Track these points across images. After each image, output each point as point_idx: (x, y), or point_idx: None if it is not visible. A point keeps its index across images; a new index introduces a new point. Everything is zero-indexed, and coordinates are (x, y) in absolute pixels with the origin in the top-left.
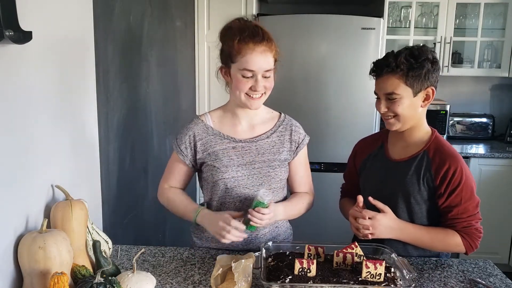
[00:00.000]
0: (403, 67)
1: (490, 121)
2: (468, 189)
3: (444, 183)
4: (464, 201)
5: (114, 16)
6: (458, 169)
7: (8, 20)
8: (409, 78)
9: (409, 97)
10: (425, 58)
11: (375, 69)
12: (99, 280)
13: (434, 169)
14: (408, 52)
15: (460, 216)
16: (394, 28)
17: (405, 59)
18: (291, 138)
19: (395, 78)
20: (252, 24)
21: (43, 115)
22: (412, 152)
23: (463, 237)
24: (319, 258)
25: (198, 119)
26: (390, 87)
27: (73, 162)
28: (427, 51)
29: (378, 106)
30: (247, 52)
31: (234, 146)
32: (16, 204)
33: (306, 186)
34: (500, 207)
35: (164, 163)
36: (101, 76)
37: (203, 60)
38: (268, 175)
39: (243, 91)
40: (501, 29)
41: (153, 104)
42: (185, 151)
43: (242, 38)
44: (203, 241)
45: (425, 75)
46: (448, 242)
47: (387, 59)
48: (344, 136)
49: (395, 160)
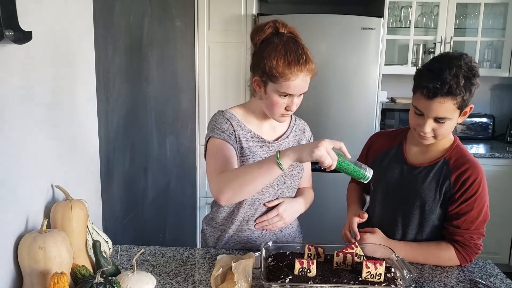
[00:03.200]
0: (462, 91)
1: (490, 121)
2: (482, 201)
3: (461, 190)
4: (474, 211)
5: (114, 16)
6: (477, 179)
7: (8, 20)
8: (464, 101)
9: (456, 118)
10: (478, 75)
11: (425, 87)
12: (99, 280)
13: (454, 177)
14: (465, 68)
15: (464, 227)
16: (394, 28)
17: (466, 80)
18: (304, 136)
19: (451, 103)
20: (296, 44)
21: (43, 115)
22: (432, 158)
23: (458, 250)
24: (319, 258)
25: (229, 113)
26: (443, 112)
27: (73, 162)
28: (474, 61)
29: (418, 124)
30: (290, 78)
31: (262, 145)
32: (16, 204)
33: (309, 182)
34: (500, 207)
35: (164, 163)
36: (101, 76)
37: (203, 60)
38: (291, 174)
39: (279, 111)
40: (501, 29)
41: (153, 104)
42: (232, 137)
43: (287, 63)
44: (214, 230)
45: (473, 93)
46: (442, 257)
47: (444, 79)
48: (344, 136)
49: (413, 165)
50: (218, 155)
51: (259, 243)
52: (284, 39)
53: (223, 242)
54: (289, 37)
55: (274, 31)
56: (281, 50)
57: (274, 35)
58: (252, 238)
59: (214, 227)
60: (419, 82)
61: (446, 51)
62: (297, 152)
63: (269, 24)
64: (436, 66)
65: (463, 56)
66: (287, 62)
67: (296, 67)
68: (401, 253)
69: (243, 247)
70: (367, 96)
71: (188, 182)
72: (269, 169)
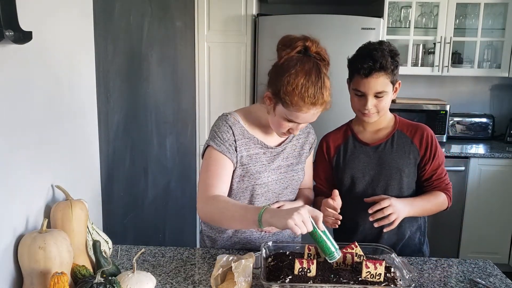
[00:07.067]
0: (390, 65)
1: (490, 121)
2: (440, 151)
3: (427, 150)
4: (441, 161)
5: (114, 16)
6: (431, 134)
7: (8, 20)
8: (394, 75)
9: (390, 92)
10: (398, 54)
11: (361, 68)
12: (99, 280)
13: (416, 141)
14: (387, 49)
15: (441, 176)
16: (394, 28)
17: (391, 58)
18: (308, 140)
19: (384, 78)
20: (318, 75)
21: (43, 115)
22: (385, 134)
23: (446, 193)
24: (319, 258)
25: (233, 118)
26: (381, 86)
27: (73, 162)
28: (392, 45)
29: (361, 104)
30: (301, 110)
31: (264, 152)
32: (16, 204)
33: (310, 182)
34: (500, 207)
35: (164, 163)
36: (101, 76)
37: (203, 60)
38: (292, 179)
39: (281, 132)
40: (501, 29)
41: (153, 104)
42: (231, 149)
43: (303, 96)
44: (213, 231)
45: (398, 70)
46: (441, 203)
47: (374, 58)
48: None
49: (373, 144)
50: (211, 170)
51: (259, 244)
52: (308, 66)
53: (222, 243)
54: (314, 63)
55: (303, 49)
56: (300, 79)
57: (300, 58)
58: (251, 239)
59: (213, 227)
60: (354, 66)
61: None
62: (274, 218)
63: (299, 42)
64: (365, 51)
65: (383, 42)
66: (303, 96)
67: (311, 104)
68: (417, 207)
69: (243, 247)
70: None
71: (188, 182)
72: (249, 221)
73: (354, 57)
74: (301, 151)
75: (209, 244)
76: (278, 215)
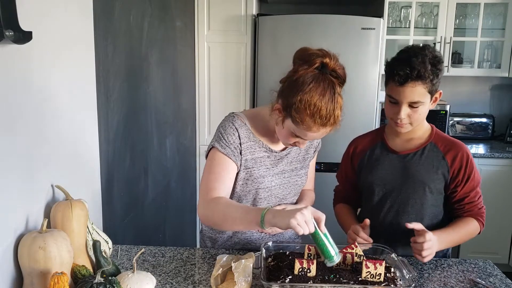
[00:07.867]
0: (430, 75)
1: (490, 121)
2: (477, 173)
3: (461, 171)
4: (476, 184)
5: (114, 16)
6: (468, 154)
7: (8, 20)
8: (433, 85)
9: (428, 102)
10: (442, 62)
11: (397, 75)
12: (99, 280)
13: (449, 158)
14: (430, 55)
15: (474, 200)
16: (394, 28)
17: (432, 66)
18: (313, 144)
19: (422, 87)
20: (332, 96)
21: (43, 115)
22: (417, 144)
23: (478, 220)
24: (319, 258)
25: (240, 120)
26: (417, 96)
27: (73, 162)
28: (437, 51)
29: (394, 112)
30: (311, 129)
31: (269, 155)
32: (16, 204)
33: (312, 184)
34: (500, 207)
35: (164, 163)
36: (101, 76)
37: (203, 60)
38: (295, 184)
39: (287, 142)
40: (501, 29)
41: (153, 104)
42: (236, 152)
43: (313, 117)
44: (213, 231)
45: (440, 79)
46: (472, 231)
47: (412, 64)
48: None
49: (401, 153)
50: (214, 173)
51: (259, 244)
52: (323, 86)
53: (222, 243)
54: (330, 83)
55: (320, 65)
56: (314, 97)
57: (316, 75)
58: (251, 240)
59: (213, 227)
60: (390, 71)
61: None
62: (276, 218)
63: (318, 59)
64: (404, 56)
65: (427, 47)
66: (314, 117)
67: (321, 125)
68: (447, 242)
69: (243, 247)
70: (367, 96)
71: (188, 182)
72: (251, 222)
73: (392, 60)
74: (306, 155)
75: (209, 244)
76: (280, 215)
